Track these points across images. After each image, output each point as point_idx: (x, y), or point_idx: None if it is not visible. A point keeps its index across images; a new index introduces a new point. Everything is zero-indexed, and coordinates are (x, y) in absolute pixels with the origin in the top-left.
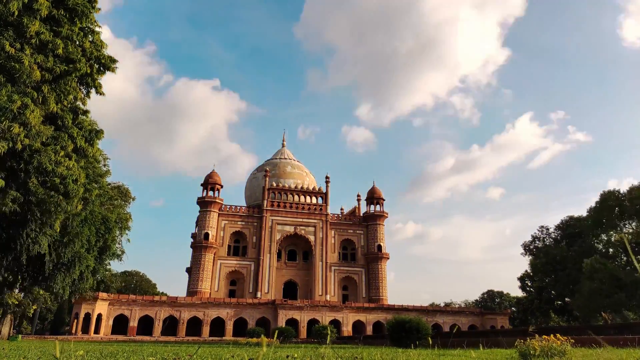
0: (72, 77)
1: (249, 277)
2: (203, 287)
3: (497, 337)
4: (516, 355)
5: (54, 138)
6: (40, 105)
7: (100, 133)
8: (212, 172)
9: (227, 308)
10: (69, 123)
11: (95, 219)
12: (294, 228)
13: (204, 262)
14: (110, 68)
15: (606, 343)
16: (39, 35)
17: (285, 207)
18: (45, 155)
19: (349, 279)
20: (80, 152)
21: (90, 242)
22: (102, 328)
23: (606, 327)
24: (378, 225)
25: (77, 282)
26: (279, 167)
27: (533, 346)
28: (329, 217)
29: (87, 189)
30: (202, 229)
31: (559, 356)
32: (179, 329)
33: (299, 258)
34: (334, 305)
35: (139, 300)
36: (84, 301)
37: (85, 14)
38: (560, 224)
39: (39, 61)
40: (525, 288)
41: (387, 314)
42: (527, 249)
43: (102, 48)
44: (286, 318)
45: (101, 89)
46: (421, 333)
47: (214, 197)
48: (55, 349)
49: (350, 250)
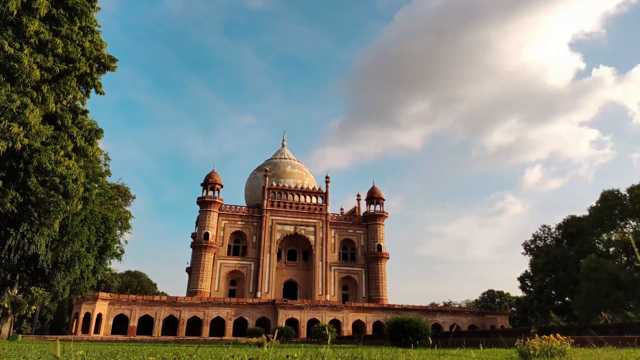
0: (72, 77)
1: (249, 277)
2: (203, 287)
3: (497, 337)
4: (516, 355)
5: (53, 137)
6: (40, 104)
7: (100, 132)
8: (212, 171)
9: (227, 308)
10: (69, 122)
11: (95, 219)
12: (294, 228)
13: (204, 262)
14: (110, 67)
15: (606, 343)
16: (39, 34)
17: (285, 207)
18: (45, 155)
19: (349, 279)
20: (80, 152)
21: (90, 241)
22: (102, 328)
23: (606, 327)
24: (378, 225)
25: (77, 282)
26: (279, 166)
27: (533, 346)
28: (329, 217)
29: (87, 189)
30: (202, 228)
31: (559, 356)
32: (179, 328)
33: (299, 258)
34: (334, 305)
35: (139, 300)
36: (84, 301)
37: (84, 13)
38: (562, 223)
39: (39, 61)
40: (526, 288)
41: (387, 314)
42: (528, 249)
43: (101, 47)
44: (286, 318)
45: (101, 89)
46: (421, 333)
47: (214, 197)
48: (55, 349)
49: (350, 250)
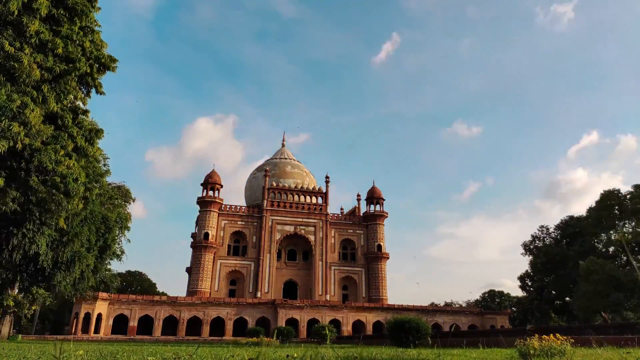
0: (72, 77)
1: (249, 277)
2: (203, 287)
3: (497, 337)
4: (516, 354)
5: (54, 137)
6: (40, 104)
7: (101, 132)
8: (212, 171)
9: (227, 308)
10: (69, 122)
11: (95, 219)
12: (294, 228)
13: (204, 261)
14: (110, 67)
15: (606, 343)
16: (39, 34)
17: (285, 207)
18: (45, 154)
19: (349, 279)
20: (81, 152)
21: (90, 241)
22: (102, 328)
23: (606, 327)
24: (378, 225)
25: (77, 282)
26: (279, 166)
27: (533, 346)
28: (329, 217)
29: (88, 188)
30: (202, 228)
31: (559, 356)
32: (179, 328)
33: (299, 258)
34: (334, 305)
35: (139, 300)
36: (84, 301)
37: (85, 13)
38: (560, 224)
39: (39, 60)
40: (525, 288)
41: (387, 314)
42: (527, 249)
43: (102, 47)
44: (286, 318)
45: (101, 89)
46: (421, 333)
47: (214, 197)
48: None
49: (350, 250)
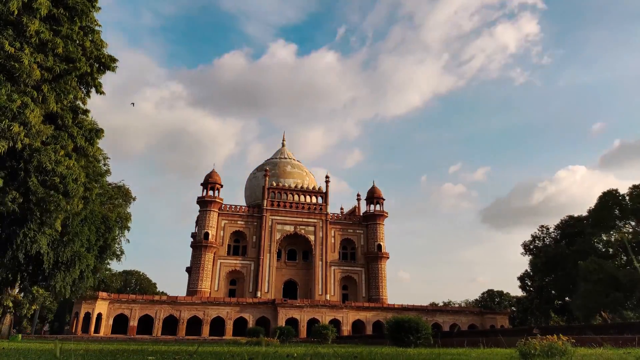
0: (72, 77)
1: (249, 277)
2: (203, 287)
3: (497, 337)
4: (516, 354)
5: (54, 137)
6: (40, 104)
7: (101, 132)
8: (212, 171)
9: (227, 307)
10: (69, 122)
11: (95, 218)
12: (294, 228)
13: (204, 261)
14: (111, 67)
15: (607, 342)
16: (39, 34)
17: (285, 207)
18: (45, 155)
19: (349, 279)
20: (81, 152)
21: (90, 241)
22: (102, 327)
23: (607, 327)
24: (378, 225)
25: (77, 281)
26: (279, 166)
27: (533, 346)
28: (329, 217)
29: (88, 188)
30: (202, 228)
31: (560, 356)
32: (179, 328)
33: (299, 257)
34: (334, 305)
35: (139, 299)
36: (84, 301)
37: (85, 13)
38: (560, 224)
39: (39, 60)
40: (525, 287)
41: (387, 314)
42: (527, 249)
43: (102, 47)
44: (286, 317)
45: (101, 88)
46: (421, 332)
47: (214, 197)
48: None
49: (350, 250)
